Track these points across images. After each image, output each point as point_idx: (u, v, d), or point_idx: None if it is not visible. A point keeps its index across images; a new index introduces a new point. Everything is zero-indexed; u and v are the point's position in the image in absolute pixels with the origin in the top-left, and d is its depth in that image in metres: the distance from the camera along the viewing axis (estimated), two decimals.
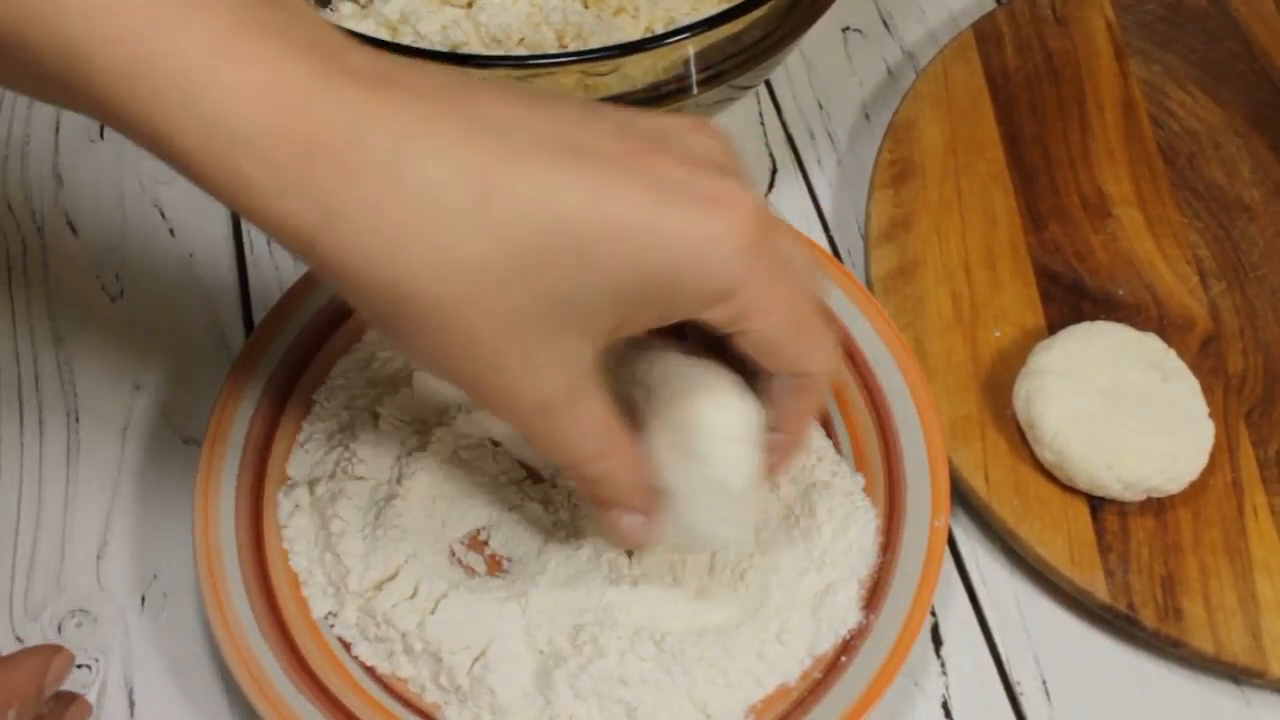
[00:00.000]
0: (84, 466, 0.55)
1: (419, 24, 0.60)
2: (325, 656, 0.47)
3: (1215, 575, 0.50)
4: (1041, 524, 0.51)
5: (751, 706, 0.46)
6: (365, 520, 0.49)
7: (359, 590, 0.48)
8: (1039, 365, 0.53)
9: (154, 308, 0.59)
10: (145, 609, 0.51)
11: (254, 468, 0.51)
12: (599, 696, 0.45)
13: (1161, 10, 0.69)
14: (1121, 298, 0.58)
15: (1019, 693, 0.50)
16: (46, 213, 0.62)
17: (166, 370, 0.57)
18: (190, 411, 0.56)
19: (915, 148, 0.62)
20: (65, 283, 0.60)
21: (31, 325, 0.59)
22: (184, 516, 0.51)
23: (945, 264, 0.59)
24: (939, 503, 0.49)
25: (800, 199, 0.64)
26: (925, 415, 0.51)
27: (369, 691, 0.47)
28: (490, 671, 0.46)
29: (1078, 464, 0.51)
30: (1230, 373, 0.56)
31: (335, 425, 0.52)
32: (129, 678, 0.50)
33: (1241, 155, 0.63)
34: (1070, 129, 0.64)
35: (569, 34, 0.60)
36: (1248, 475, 0.53)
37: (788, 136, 0.66)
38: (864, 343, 0.53)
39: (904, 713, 0.49)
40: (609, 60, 0.50)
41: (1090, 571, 0.50)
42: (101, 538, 0.53)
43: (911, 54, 0.69)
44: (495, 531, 0.51)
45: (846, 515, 0.50)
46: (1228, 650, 0.49)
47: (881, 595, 0.48)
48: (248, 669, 0.45)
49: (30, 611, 0.51)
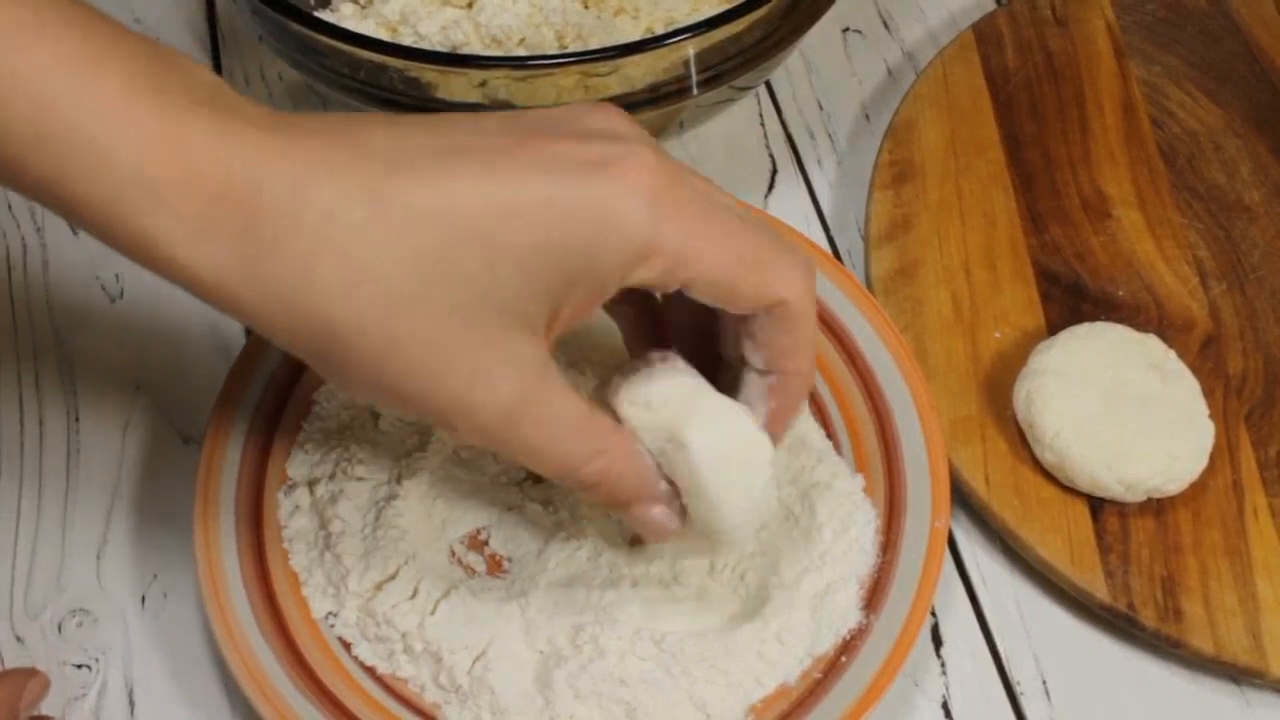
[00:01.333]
0: (84, 466, 0.55)
1: (419, 24, 0.60)
2: (325, 656, 0.47)
3: (1215, 576, 0.50)
4: (1041, 524, 0.51)
5: (751, 706, 0.46)
6: (365, 520, 0.49)
7: (359, 590, 0.48)
8: (1039, 366, 0.53)
9: (154, 308, 0.59)
10: (145, 609, 0.51)
11: (254, 468, 0.51)
12: (599, 696, 0.45)
13: (1161, 11, 0.69)
14: (1121, 299, 0.58)
15: (1019, 693, 0.50)
16: (46, 213, 0.62)
17: (166, 370, 0.57)
18: (190, 411, 0.56)
19: (915, 148, 0.62)
20: (65, 283, 0.60)
21: (32, 325, 0.59)
22: (184, 516, 0.51)
23: (945, 265, 0.59)
24: (939, 503, 0.49)
25: (800, 199, 0.64)
26: (925, 416, 0.51)
27: (369, 691, 0.47)
28: (490, 671, 0.46)
29: (1078, 465, 0.51)
30: (1230, 373, 0.56)
31: (335, 426, 0.52)
32: (129, 678, 0.50)
33: (1241, 156, 0.63)
34: (1070, 130, 0.64)
35: (569, 34, 0.60)
36: (1248, 476, 0.53)
37: (788, 137, 0.66)
38: (864, 343, 0.53)
39: (904, 713, 0.49)
40: (609, 61, 0.50)
41: (1090, 572, 0.50)
42: (101, 538, 0.53)
43: (911, 54, 0.69)
44: (495, 531, 0.51)
45: (846, 515, 0.50)
46: (1228, 650, 0.49)
47: (881, 595, 0.48)
48: (248, 669, 0.45)
49: (30, 611, 0.51)
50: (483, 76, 0.50)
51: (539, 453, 0.40)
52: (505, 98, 0.51)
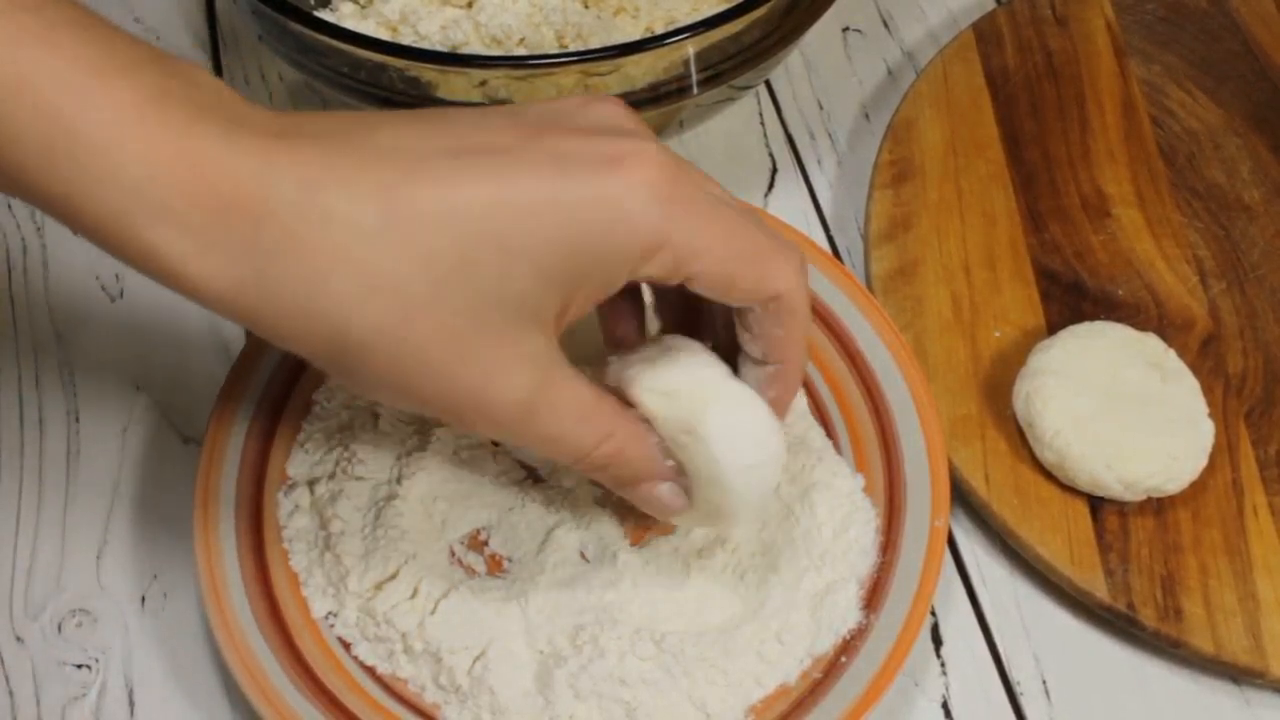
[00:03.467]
0: (84, 466, 0.55)
1: (419, 24, 0.60)
2: (325, 656, 0.47)
3: (1215, 575, 0.50)
4: (1041, 524, 0.51)
5: (751, 706, 0.46)
6: (365, 520, 0.49)
7: (359, 590, 0.48)
8: (1039, 365, 0.53)
9: (154, 308, 0.59)
10: (145, 609, 0.51)
11: (254, 468, 0.51)
12: (599, 696, 0.45)
13: (1161, 10, 0.69)
14: (1121, 298, 0.58)
15: (1019, 693, 0.50)
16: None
17: (166, 370, 0.57)
18: (190, 411, 0.56)
19: (915, 148, 0.62)
20: (65, 283, 0.60)
21: (32, 325, 0.59)
22: (184, 516, 0.51)
23: (945, 264, 0.59)
24: (939, 503, 0.49)
25: (800, 199, 0.64)
26: (925, 415, 0.51)
27: (369, 691, 0.47)
28: (490, 671, 0.46)
29: (1078, 464, 0.51)
30: (1230, 373, 0.56)
31: (335, 425, 0.52)
32: (129, 678, 0.50)
33: (1241, 155, 0.63)
34: (1070, 129, 0.64)
35: (569, 34, 0.60)
36: (1248, 475, 0.53)
37: (788, 136, 0.66)
38: (864, 343, 0.53)
39: (904, 713, 0.49)
40: (609, 60, 0.50)
41: (1090, 571, 0.50)
42: (101, 538, 0.53)
43: (911, 54, 0.69)
44: (495, 531, 0.51)
45: (846, 515, 0.50)
46: (1228, 650, 0.49)
47: (881, 595, 0.48)
48: (248, 669, 0.45)
49: (30, 611, 0.51)
50: (483, 76, 0.50)
51: (552, 441, 0.40)
52: (505, 97, 0.51)
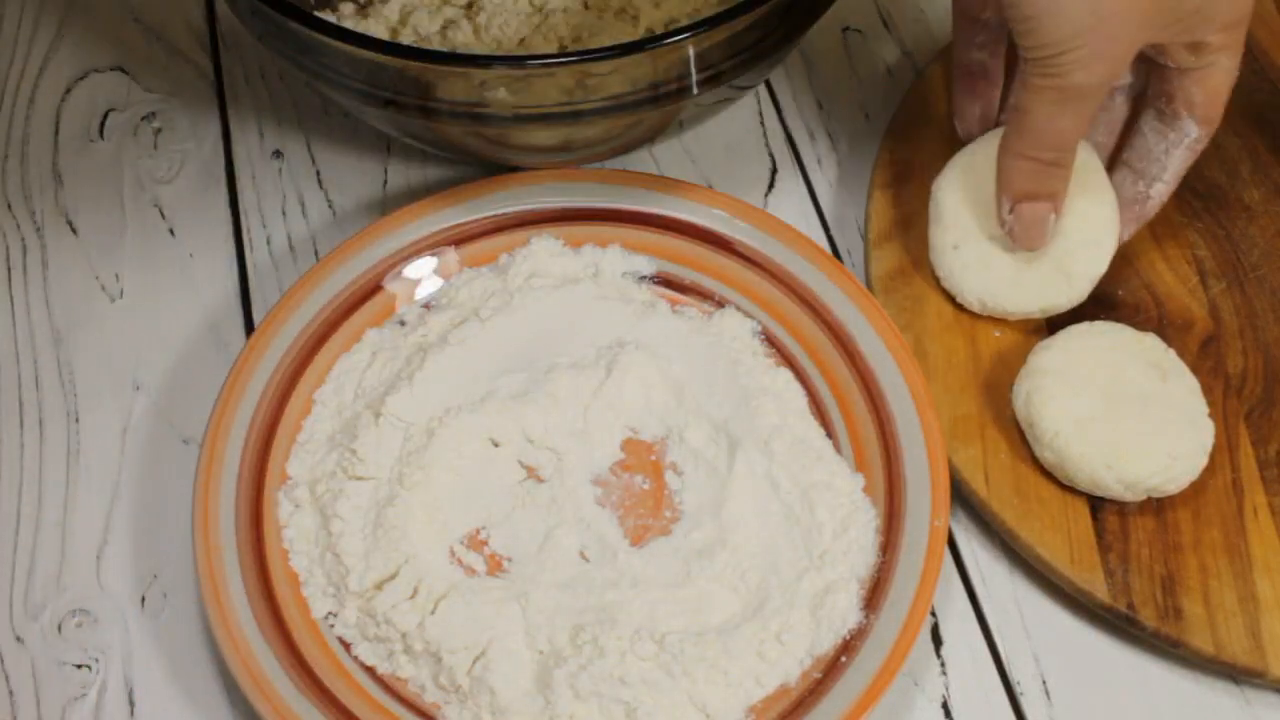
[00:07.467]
0: (84, 466, 0.55)
1: (419, 24, 0.60)
2: (325, 656, 0.47)
3: (1215, 575, 0.50)
4: (1041, 524, 0.51)
5: (751, 706, 0.46)
6: (365, 520, 0.49)
7: (359, 590, 0.48)
8: (1039, 365, 0.53)
9: (154, 308, 0.59)
10: (145, 609, 0.51)
11: (254, 468, 0.51)
12: (599, 696, 0.45)
13: None
14: (1121, 298, 0.58)
15: (1019, 693, 0.50)
16: (46, 213, 0.62)
17: (166, 370, 0.57)
18: (190, 411, 0.56)
19: (915, 148, 0.62)
20: (65, 283, 0.60)
21: (31, 325, 0.59)
22: (184, 516, 0.51)
23: None
24: (939, 503, 0.49)
25: (800, 199, 0.64)
26: (925, 415, 0.51)
27: (369, 691, 0.47)
28: (490, 671, 0.46)
29: (1078, 464, 0.51)
30: (1230, 373, 0.56)
31: (335, 425, 0.52)
32: (129, 678, 0.50)
33: (1241, 155, 0.63)
34: None
35: (569, 34, 0.60)
36: (1248, 475, 0.53)
37: (788, 136, 0.66)
38: (864, 343, 0.53)
39: (904, 713, 0.49)
40: (609, 60, 0.50)
41: (1090, 571, 0.50)
42: (101, 538, 0.53)
43: (911, 54, 0.69)
44: (495, 531, 0.51)
45: (846, 515, 0.50)
46: (1228, 650, 0.49)
47: (881, 595, 0.48)
48: (248, 669, 0.45)
49: (30, 611, 0.51)
50: (483, 76, 0.50)
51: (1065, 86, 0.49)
52: (505, 98, 0.51)
